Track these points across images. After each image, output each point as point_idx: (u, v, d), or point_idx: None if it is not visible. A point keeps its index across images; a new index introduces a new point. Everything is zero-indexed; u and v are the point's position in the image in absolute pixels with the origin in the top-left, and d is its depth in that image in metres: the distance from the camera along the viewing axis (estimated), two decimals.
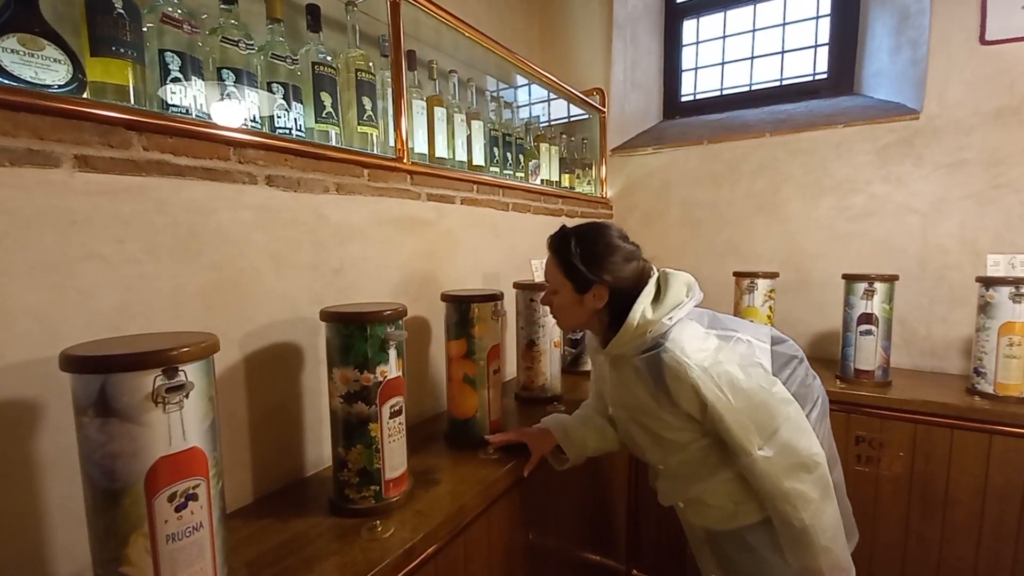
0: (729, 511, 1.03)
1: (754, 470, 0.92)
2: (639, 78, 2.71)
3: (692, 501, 1.08)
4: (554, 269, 1.06)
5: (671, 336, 0.95)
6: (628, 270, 1.01)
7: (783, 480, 0.91)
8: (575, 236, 1.03)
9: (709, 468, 1.02)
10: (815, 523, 0.91)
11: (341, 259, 1.11)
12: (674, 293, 1.00)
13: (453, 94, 1.65)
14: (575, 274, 1.01)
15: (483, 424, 1.20)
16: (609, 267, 1.00)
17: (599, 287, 1.00)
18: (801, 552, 0.94)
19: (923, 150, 1.87)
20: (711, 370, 0.92)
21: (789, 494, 0.91)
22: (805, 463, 0.91)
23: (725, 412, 0.91)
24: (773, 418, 0.92)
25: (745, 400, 0.92)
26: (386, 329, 0.88)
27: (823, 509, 0.92)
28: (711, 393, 0.91)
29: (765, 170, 2.17)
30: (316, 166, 1.05)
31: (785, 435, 0.91)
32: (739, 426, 0.91)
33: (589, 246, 1.01)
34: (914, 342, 1.89)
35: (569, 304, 1.05)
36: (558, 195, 2.07)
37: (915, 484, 1.53)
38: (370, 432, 0.88)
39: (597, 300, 1.01)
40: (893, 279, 1.64)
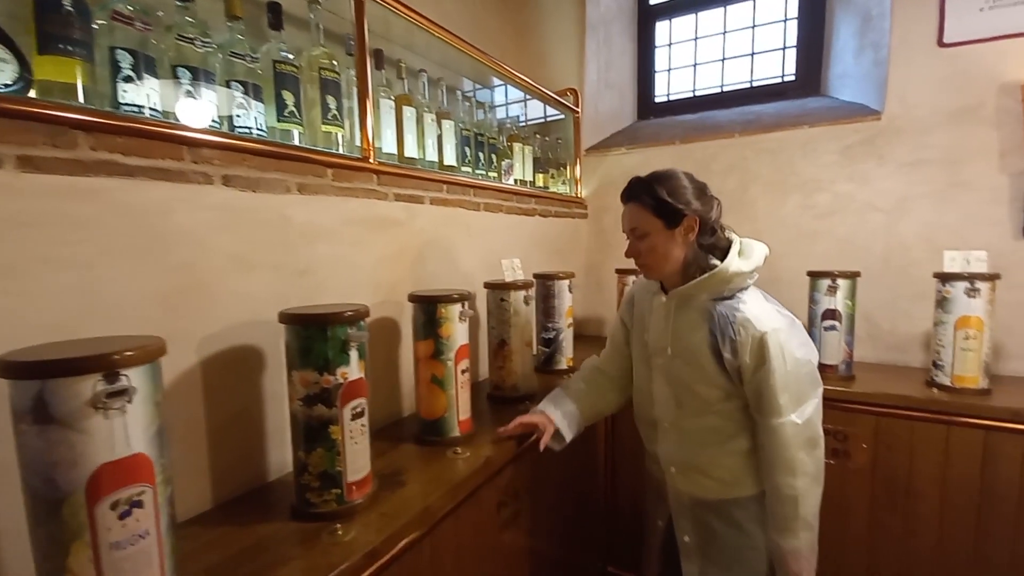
0: (725, 483, 1.11)
1: (779, 433, 1.01)
2: (613, 78, 2.74)
3: (691, 468, 1.14)
4: (640, 212, 1.09)
5: (748, 293, 1.07)
6: (709, 203, 1.09)
7: (797, 449, 1.01)
8: (655, 179, 1.08)
9: (722, 437, 1.10)
10: (806, 495, 1.01)
11: (307, 260, 1.10)
12: (758, 257, 1.09)
13: (423, 93, 1.64)
14: (665, 209, 1.06)
15: (452, 424, 1.20)
16: (692, 198, 1.06)
17: (691, 218, 1.05)
18: (786, 524, 1.03)
19: (885, 150, 1.92)
20: (781, 333, 1.01)
21: (795, 462, 1.01)
22: (816, 440, 1.03)
23: (778, 372, 0.99)
24: (808, 393, 1.03)
25: (796, 368, 1.01)
26: (347, 330, 0.87)
27: (812, 487, 1.03)
28: (774, 351, 0.99)
29: (735, 170, 2.21)
30: (276, 166, 1.03)
31: (811, 410, 1.03)
32: (784, 388, 1.00)
33: (672, 183, 1.07)
34: (879, 337, 1.94)
35: (662, 243, 1.08)
36: (531, 195, 2.07)
37: (879, 475, 1.57)
38: (331, 435, 0.87)
39: (690, 232, 1.07)
40: (855, 275, 1.68)
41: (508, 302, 1.48)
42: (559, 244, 2.34)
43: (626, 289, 2.05)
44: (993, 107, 1.76)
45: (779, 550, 1.05)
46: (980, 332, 1.49)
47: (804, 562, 1.04)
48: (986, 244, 1.74)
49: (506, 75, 1.97)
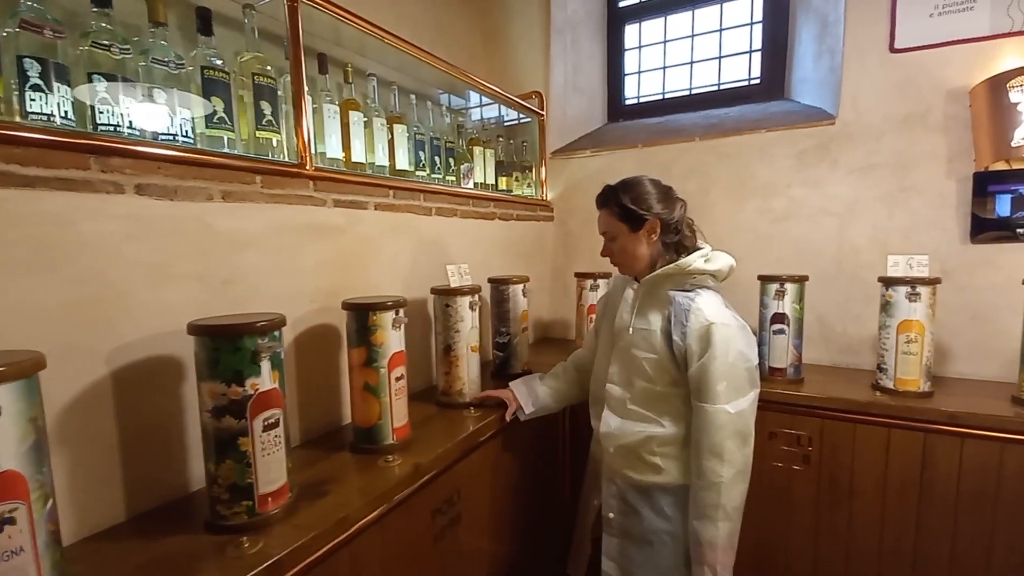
0: (657, 469, 1.19)
1: (712, 419, 1.09)
2: (582, 82, 2.74)
3: (628, 451, 1.23)
4: (609, 218, 1.24)
5: (707, 292, 1.17)
6: (672, 205, 1.21)
7: (727, 437, 1.08)
8: (619, 186, 1.22)
9: (662, 423, 1.20)
10: (729, 486, 1.08)
11: (232, 269, 1.09)
12: (720, 263, 1.21)
13: (373, 98, 1.63)
14: (629, 215, 1.19)
15: (386, 432, 1.20)
16: (654, 203, 1.19)
17: (651, 222, 1.19)
18: (707, 511, 1.10)
19: (838, 154, 1.94)
20: (728, 328, 1.11)
21: (724, 451, 1.08)
22: (745, 435, 1.11)
23: (719, 360, 1.08)
24: (745, 387, 1.12)
25: (737, 363, 1.10)
26: (256, 341, 0.87)
27: (737, 481, 1.10)
28: (719, 340, 1.09)
29: (695, 174, 2.22)
30: (197, 173, 1.02)
31: (745, 405, 1.11)
32: (722, 377, 1.09)
33: (636, 190, 1.20)
34: (832, 339, 1.95)
35: (630, 244, 1.22)
36: (490, 198, 2.07)
37: (824, 476, 1.59)
38: (240, 446, 0.87)
39: (651, 234, 1.20)
40: (803, 279, 1.69)
41: (453, 308, 1.48)
42: (522, 248, 2.34)
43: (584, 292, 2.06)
44: (941, 113, 1.78)
45: (697, 537, 1.12)
46: (921, 336, 1.50)
47: (720, 554, 1.09)
48: (934, 248, 1.76)
49: (464, 79, 1.97)
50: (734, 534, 1.13)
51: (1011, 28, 1.68)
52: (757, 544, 1.69)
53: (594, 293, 1.96)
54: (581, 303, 2.04)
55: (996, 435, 1.37)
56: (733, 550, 1.13)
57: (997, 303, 1.69)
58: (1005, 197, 1.68)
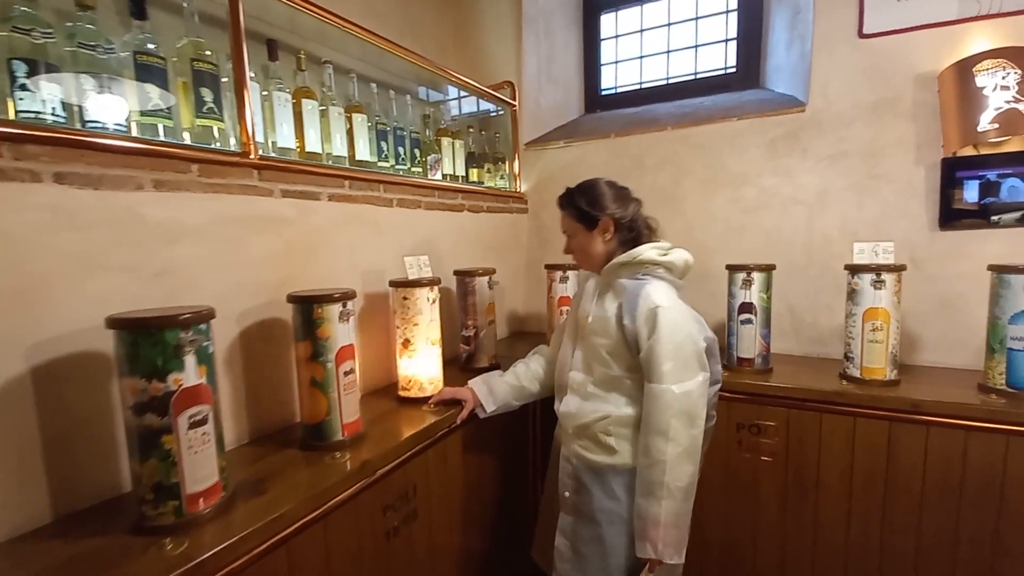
0: (610, 450, 1.22)
1: (659, 397, 1.12)
2: (556, 72, 2.70)
3: (583, 431, 1.27)
4: (567, 219, 1.31)
5: (658, 281, 1.20)
6: (625, 204, 1.27)
7: (672, 416, 1.11)
8: (576, 190, 1.29)
9: (617, 406, 1.23)
10: (674, 465, 1.10)
11: (166, 261, 1.05)
12: (675, 257, 1.24)
13: (329, 86, 1.59)
14: (584, 215, 1.26)
15: (335, 428, 1.16)
16: (608, 203, 1.25)
17: (605, 219, 1.24)
18: (651, 488, 1.12)
19: (808, 143, 1.92)
20: (672, 311, 1.15)
21: (669, 429, 1.10)
22: (693, 415, 1.12)
23: (665, 341, 1.12)
24: (692, 368, 1.14)
25: (684, 339, 1.13)
26: (178, 334, 0.83)
27: (683, 461, 1.12)
28: (664, 319, 1.13)
29: (667, 164, 2.19)
30: (125, 161, 0.98)
31: (692, 387, 1.13)
32: (668, 357, 1.12)
33: (590, 192, 1.27)
34: (802, 330, 1.94)
35: (586, 242, 1.28)
36: (458, 190, 2.04)
37: (790, 468, 1.57)
38: (164, 444, 0.83)
39: (605, 232, 1.26)
40: (770, 268, 1.67)
41: (411, 300, 1.44)
42: (494, 241, 2.31)
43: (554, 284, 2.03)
44: (910, 99, 1.76)
45: (641, 513, 1.14)
46: (887, 324, 1.49)
47: (662, 531, 1.11)
48: (903, 236, 1.75)
49: (431, 69, 1.93)
50: (681, 515, 1.13)
51: (978, 12, 1.66)
52: (725, 539, 1.68)
53: (564, 285, 1.93)
54: (551, 295, 2.01)
55: (961, 423, 1.36)
56: (679, 529, 1.13)
57: (965, 292, 1.68)
58: (973, 183, 1.67)
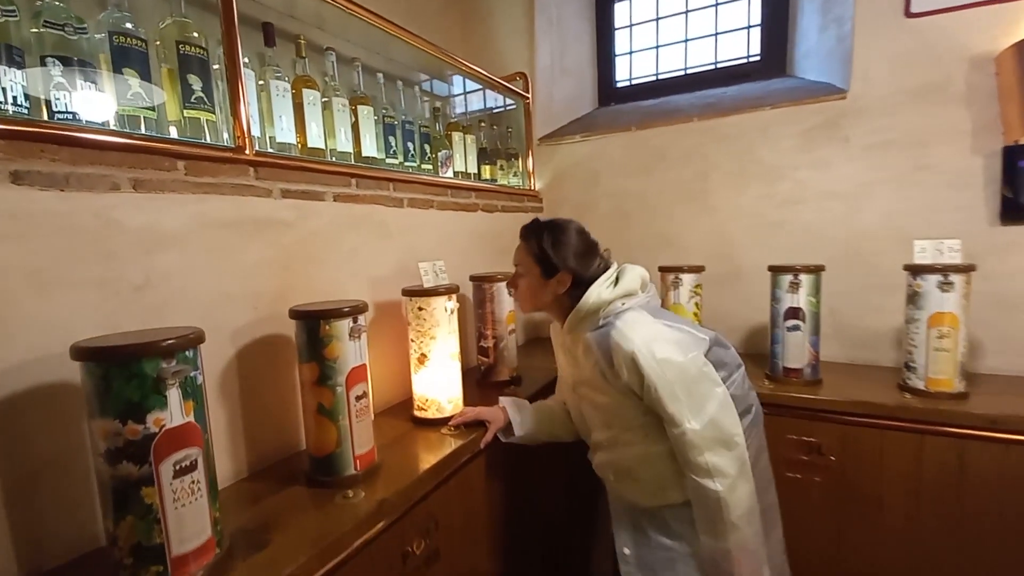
0: (656, 487, 1.11)
1: (683, 441, 1.00)
2: (569, 63, 2.56)
3: (623, 472, 1.16)
4: (524, 254, 1.19)
5: (623, 317, 1.06)
6: (591, 261, 1.15)
7: (706, 452, 0.99)
8: (547, 227, 1.15)
9: (646, 442, 1.10)
10: (729, 497, 0.98)
11: (146, 273, 0.90)
12: (629, 281, 1.12)
13: (332, 75, 1.44)
14: (545, 260, 1.13)
15: (346, 461, 1.02)
16: (573, 257, 1.12)
17: (564, 274, 1.12)
18: (712, 526, 1.01)
19: (849, 131, 1.77)
20: (651, 344, 1.02)
21: (709, 466, 0.99)
22: (726, 440, 1.00)
23: (660, 384, 0.99)
24: (702, 394, 1.01)
25: (679, 374, 1.00)
26: (159, 365, 0.68)
27: (738, 485, 1.00)
28: (648, 365, 1.00)
29: (692, 157, 2.05)
30: (97, 158, 0.83)
31: (712, 410, 1.00)
32: (672, 398, 1.00)
33: (558, 236, 1.14)
34: (846, 333, 1.79)
35: (535, 287, 1.17)
36: (471, 188, 1.89)
37: (845, 489, 1.43)
38: (144, 499, 0.68)
39: (560, 286, 1.13)
40: (819, 270, 1.53)
41: (427, 311, 1.29)
42: (509, 242, 2.14)
43: None
44: (963, 83, 1.62)
45: (709, 553, 1.04)
46: (955, 330, 1.34)
47: (736, 563, 1.01)
48: (955, 231, 1.59)
49: (440, 57, 1.78)
50: (751, 536, 1.02)
51: None
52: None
53: None
54: None
55: None
56: (747, 552, 1.02)
57: None
58: None
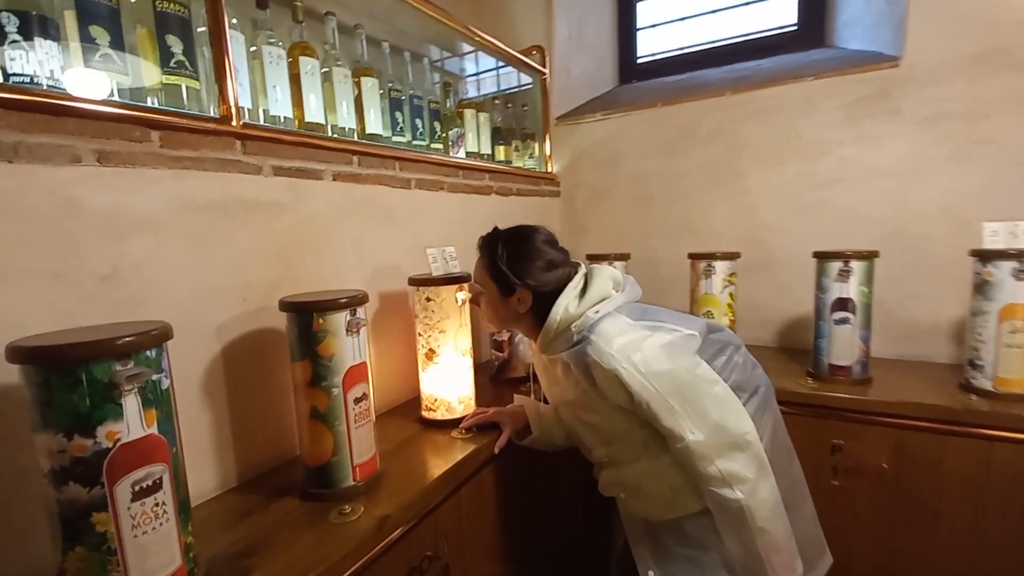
0: (668, 499, 1.01)
1: (687, 455, 0.90)
2: (588, 38, 2.40)
3: (632, 489, 1.06)
4: (481, 270, 1.07)
5: (597, 329, 0.94)
6: (552, 276, 1.01)
7: (716, 461, 0.89)
8: (503, 238, 1.04)
9: (649, 454, 1.00)
10: (751, 502, 0.89)
11: (114, 261, 0.79)
12: (599, 287, 0.99)
13: (333, 43, 1.31)
14: (500, 276, 1.02)
15: (343, 471, 0.90)
16: (533, 272, 1.00)
17: (523, 291, 1.00)
18: (738, 534, 0.92)
19: (901, 103, 1.60)
20: (632, 357, 0.90)
21: (724, 475, 0.89)
22: (737, 442, 0.90)
23: (650, 398, 0.89)
24: (700, 399, 0.90)
25: (670, 383, 0.90)
26: (112, 368, 0.57)
27: (759, 487, 0.90)
28: (634, 381, 0.89)
29: (721, 134, 1.89)
30: (52, 125, 0.72)
31: (714, 415, 0.90)
32: (666, 411, 0.89)
33: (515, 248, 1.02)
34: (892, 326, 1.64)
35: (495, 305, 1.06)
36: (485, 169, 1.75)
37: (899, 498, 1.29)
38: (95, 526, 0.57)
39: (520, 304, 1.02)
40: (872, 256, 1.37)
41: (436, 302, 1.17)
42: None
43: None
44: None
45: (738, 558, 0.94)
46: None
47: (767, 564, 0.92)
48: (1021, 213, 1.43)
49: (451, 25, 1.64)
50: (780, 533, 0.92)
51: None
52: None
53: None
54: None
55: None
56: (786, 549, 0.93)
57: None
58: None
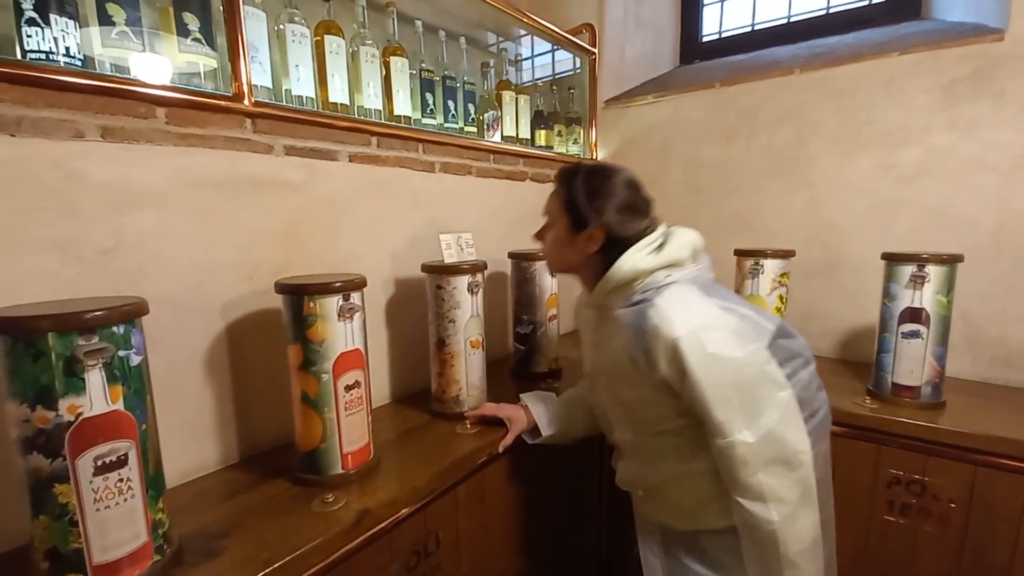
0: (690, 509, 0.93)
1: (729, 455, 0.80)
2: (646, 14, 2.24)
3: (653, 490, 0.98)
4: (554, 201, 0.99)
5: (664, 293, 0.85)
6: (629, 220, 0.91)
7: (759, 472, 0.79)
8: (584, 171, 0.95)
9: (679, 455, 0.91)
10: (786, 529, 0.79)
11: (117, 234, 0.80)
12: (675, 249, 0.89)
13: (361, 21, 1.29)
14: (574, 209, 0.93)
15: (332, 458, 0.89)
16: (610, 210, 0.90)
17: (595, 228, 0.91)
18: (764, 563, 0.82)
19: (1006, 83, 1.35)
20: (698, 332, 0.80)
21: (763, 490, 0.79)
22: (788, 459, 0.79)
23: (706, 382, 0.79)
24: (760, 400, 0.79)
25: (732, 372, 0.79)
26: (74, 341, 0.57)
27: (798, 515, 0.79)
28: (694, 358, 0.79)
29: (790, 119, 1.69)
30: (57, 100, 0.74)
31: (771, 421, 0.79)
32: (720, 400, 0.79)
33: (595, 184, 0.93)
34: (981, 346, 1.41)
35: (562, 241, 0.97)
36: (519, 154, 1.68)
37: (968, 545, 1.10)
38: (57, 497, 0.58)
39: (591, 243, 0.93)
40: (955, 260, 1.17)
41: (447, 291, 1.13)
42: None
43: None
44: None
45: None
46: None
47: None
48: None
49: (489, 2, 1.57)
50: (810, 572, 0.81)
51: None
52: None
53: None
54: None
55: None
56: None
57: None
58: None
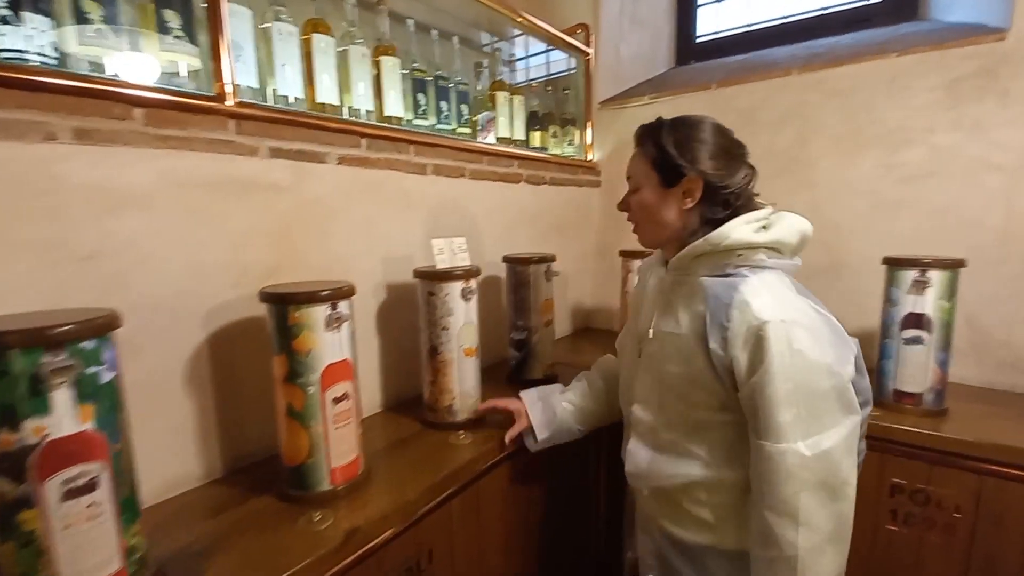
0: (702, 524, 0.86)
1: (777, 463, 0.73)
2: (643, 13, 2.22)
3: (664, 493, 0.90)
4: (640, 160, 0.89)
5: (760, 274, 0.80)
6: (728, 166, 0.83)
7: (802, 491, 0.73)
8: (667, 125, 0.86)
9: (707, 461, 0.84)
10: (809, 559, 0.73)
11: (100, 238, 0.77)
12: (783, 231, 0.81)
13: (351, 19, 1.25)
14: (665, 163, 0.84)
15: (319, 474, 0.85)
16: (704, 156, 0.82)
17: (692, 180, 0.82)
18: None
19: (1010, 82, 1.33)
20: (789, 324, 0.74)
21: (799, 510, 0.73)
22: (835, 487, 0.74)
23: (783, 377, 0.73)
24: (829, 414, 0.74)
25: (812, 377, 0.74)
26: (40, 358, 0.54)
27: (826, 550, 0.74)
28: (776, 347, 0.73)
29: (791, 119, 1.67)
30: (27, 100, 0.70)
31: (831, 442, 0.73)
32: (790, 402, 0.73)
33: (684, 133, 0.84)
34: (987, 350, 1.38)
35: (653, 203, 0.87)
36: (513, 156, 1.65)
37: (975, 557, 1.08)
38: (22, 524, 0.55)
39: (687, 197, 0.84)
40: (957, 265, 1.15)
41: (439, 297, 1.10)
42: (560, 220, 1.91)
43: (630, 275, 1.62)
44: None
45: None
46: None
47: None
48: None
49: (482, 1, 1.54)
50: None
51: None
52: None
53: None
54: (626, 289, 1.60)
55: None
56: None
57: None
58: None
